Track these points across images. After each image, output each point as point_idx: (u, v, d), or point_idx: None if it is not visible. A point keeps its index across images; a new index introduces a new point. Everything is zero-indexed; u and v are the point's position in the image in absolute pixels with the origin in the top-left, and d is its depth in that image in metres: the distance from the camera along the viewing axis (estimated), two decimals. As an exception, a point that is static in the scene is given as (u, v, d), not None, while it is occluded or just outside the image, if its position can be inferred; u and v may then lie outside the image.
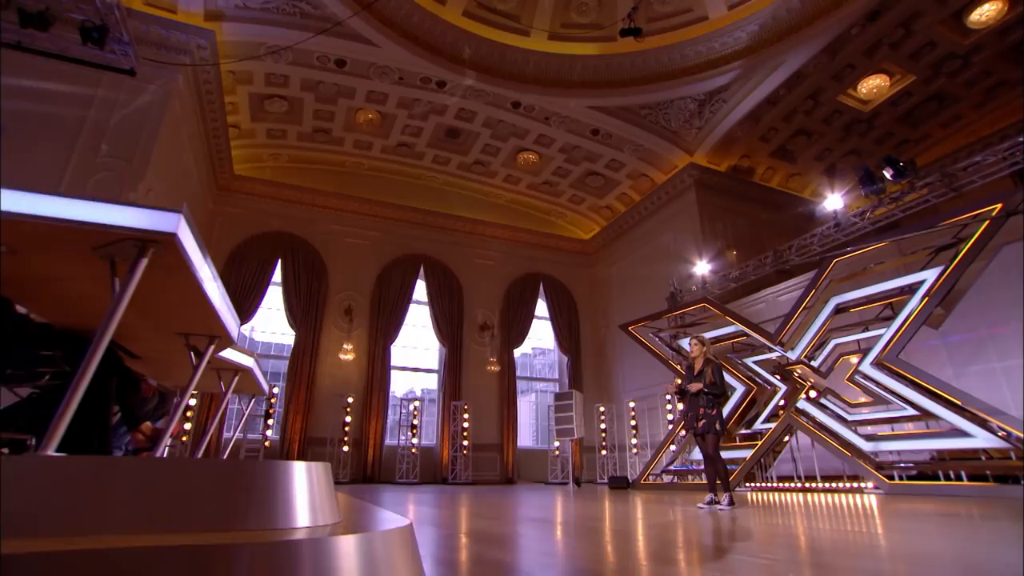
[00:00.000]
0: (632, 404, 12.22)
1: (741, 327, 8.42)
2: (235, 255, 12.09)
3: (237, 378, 3.57)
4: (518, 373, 17.82)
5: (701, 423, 4.69)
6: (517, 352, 14.82)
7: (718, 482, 4.64)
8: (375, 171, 14.19)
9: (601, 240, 15.89)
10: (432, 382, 14.31)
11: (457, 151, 13.64)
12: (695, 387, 4.75)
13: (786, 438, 7.83)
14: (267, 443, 10.40)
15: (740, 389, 8.63)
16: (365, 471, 11.76)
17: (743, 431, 8.50)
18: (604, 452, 12.62)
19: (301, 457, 11.28)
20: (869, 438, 6.68)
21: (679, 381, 4.88)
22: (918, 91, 11.24)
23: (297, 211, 13.17)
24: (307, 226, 13.08)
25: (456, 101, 11.88)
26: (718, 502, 4.44)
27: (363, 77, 11.06)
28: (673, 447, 9.61)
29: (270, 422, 10.59)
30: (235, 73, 10.50)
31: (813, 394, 7.52)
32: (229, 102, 11.09)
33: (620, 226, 15.13)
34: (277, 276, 12.51)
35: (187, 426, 9.19)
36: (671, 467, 9.31)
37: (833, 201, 7.66)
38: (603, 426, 12.76)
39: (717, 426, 4.63)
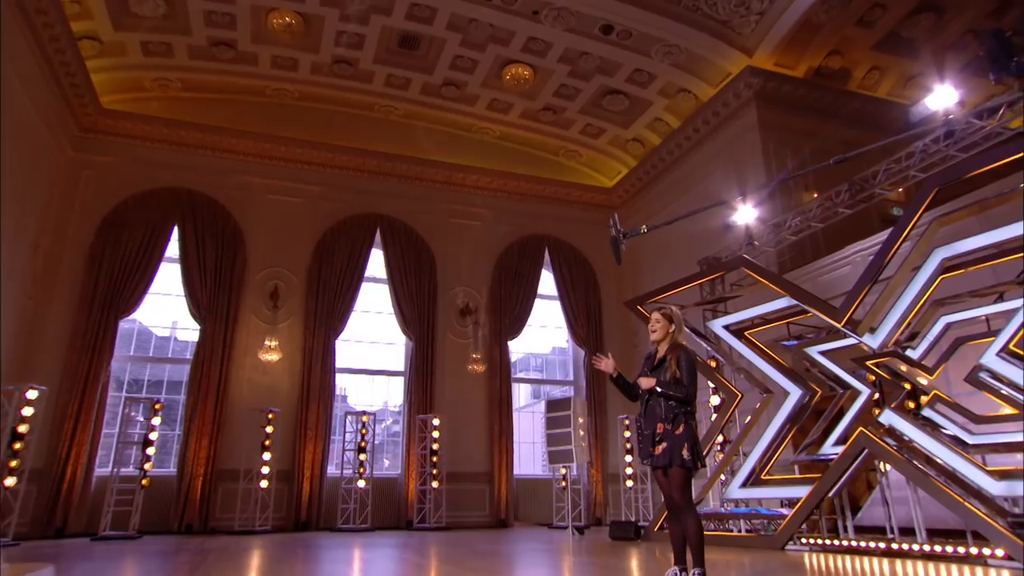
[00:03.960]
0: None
1: (794, 300, 7.30)
2: (111, 221, 11.45)
3: None
4: (524, 373, 17.63)
5: (660, 447, 3.98)
6: (515, 345, 14.24)
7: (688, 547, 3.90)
8: (307, 100, 13.42)
9: (629, 187, 14.92)
10: (398, 389, 13.58)
11: (418, 68, 12.67)
12: (646, 383, 4.07)
13: (883, 469, 6.72)
14: (145, 480, 9.69)
15: (795, 394, 7.60)
16: (297, 514, 11.22)
17: (802, 457, 7.48)
18: (630, 483, 11.64)
19: (206, 497, 10.74)
20: (1003, 475, 5.46)
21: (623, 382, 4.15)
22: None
23: (199, 159, 12.54)
24: (214, 179, 12.44)
25: (403, -9, 10.76)
26: (685, 582, 3.81)
27: (265, -38, 10.03)
28: (723, 477, 8.74)
29: (151, 451, 9.78)
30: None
31: (916, 402, 6.45)
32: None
33: (654, 165, 14.09)
34: (173, 249, 11.94)
35: (13, 463, 8.33)
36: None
37: (942, 96, 6.18)
38: (628, 445, 11.74)
39: (685, 453, 3.89)
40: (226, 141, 12.71)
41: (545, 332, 15.19)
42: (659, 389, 4.03)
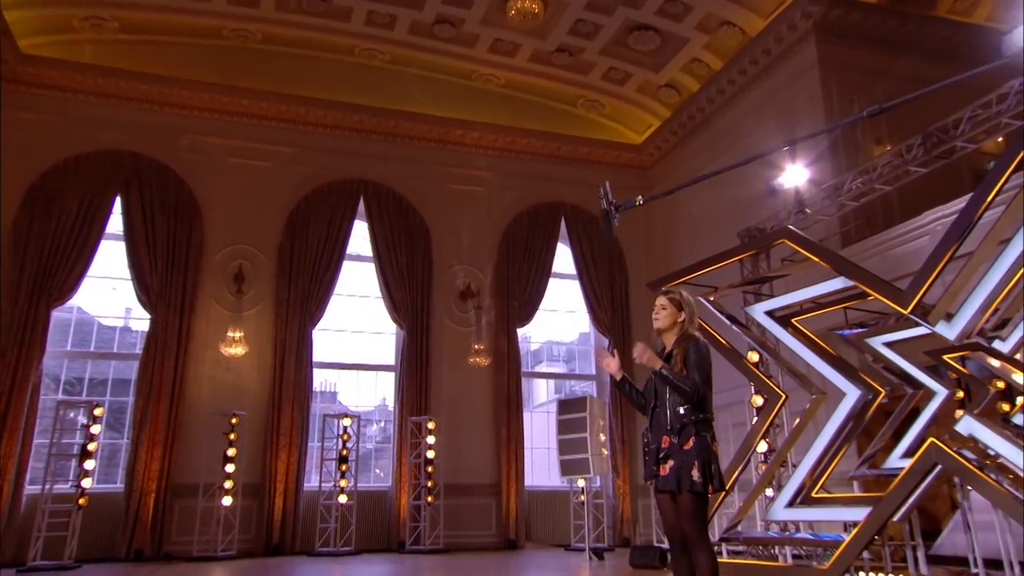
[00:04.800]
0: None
1: (850, 280, 6.94)
2: (39, 191, 11.12)
3: None
4: (546, 365, 17.73)
5: (667, 465, 3.87)
6: (534, 333, 14.29)
7: None
8: (273, 44, 12.99)
9: (662, 143, 14.53)
10: (389, 386, 13.41)
11: (405, 2, 12.16)
12: (640, 353, 4.04)
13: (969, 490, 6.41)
14: (83, 499, 9.42)
15: (852, 394, 7.26)
16: (269, 536, 11.04)
17: (862, 471, 7.30)
18: None
19: (159, 517, 10.56)
20: None
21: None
22: None
23: (144, 115, 12.19)
24: (163, 140, 12.14)
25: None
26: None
27: None
28: (769, 491, 8.48)
29: (90, 465, 9.52)
30: None
31: (1011, 405, 6.19)
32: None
33: (691, 116, 13.65)
34: (116, 224, 11.69)
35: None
36: (732, 532, 8.03)
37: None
38: (660, 455, 11.53)
39: (694, 474, 3.76)
40: (176, 94, 12.36)
41: (568, 317, 14.99)
42: (663, 372, 3.93)
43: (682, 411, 3.90)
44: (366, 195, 12.97)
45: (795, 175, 9.31)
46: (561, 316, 14.96)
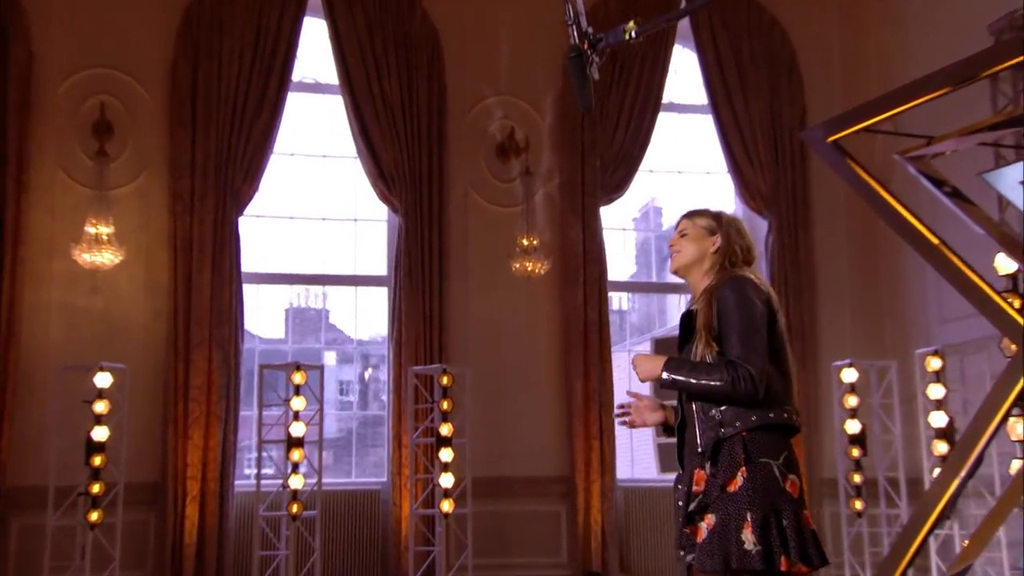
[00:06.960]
0: (937, 364, 10.63)
1: None
2: None
3: None
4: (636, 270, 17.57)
5: (703, 525, 3.77)
6: (614, 216, 13.83)
7: None
8: None
9: None
10: (378, 313, 12.86)
11: None
12: (643, 367, 4.09)
13: None
14: None
15: None
16: (177, 569, 10.62)
17: None
18: (859, 504, 11.22)
19: None
20: None
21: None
22: None
23: None
24: None
25: None
26: None
27: None
28: None
29: None
30: None
31: None
32: None
33: None
34: None
35: None
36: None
37: None
38: (853, 425, 11.28)
39: (748, 537, 3.58)
40: None
41: (710, 181, 13.78)
42: (669, 376, 3.88)
43: (718, 414, 3.83)
44: (325, -19, 11.75)
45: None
46: (697, 179, 13.86)
